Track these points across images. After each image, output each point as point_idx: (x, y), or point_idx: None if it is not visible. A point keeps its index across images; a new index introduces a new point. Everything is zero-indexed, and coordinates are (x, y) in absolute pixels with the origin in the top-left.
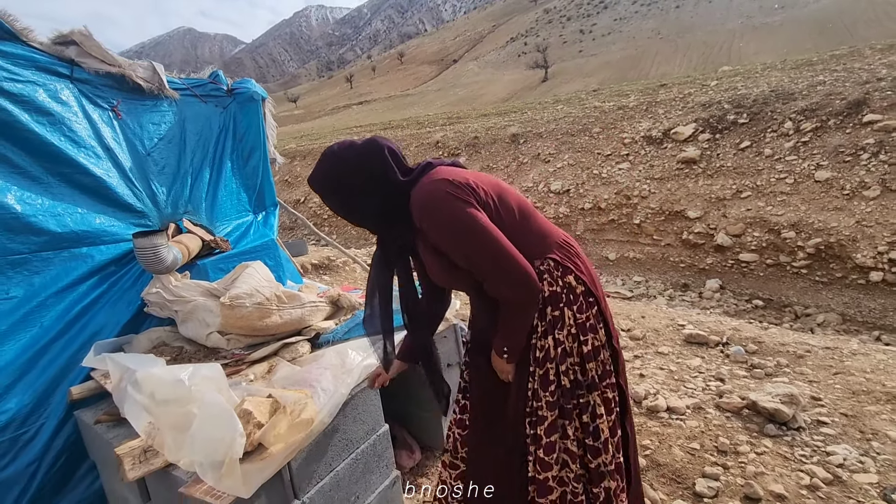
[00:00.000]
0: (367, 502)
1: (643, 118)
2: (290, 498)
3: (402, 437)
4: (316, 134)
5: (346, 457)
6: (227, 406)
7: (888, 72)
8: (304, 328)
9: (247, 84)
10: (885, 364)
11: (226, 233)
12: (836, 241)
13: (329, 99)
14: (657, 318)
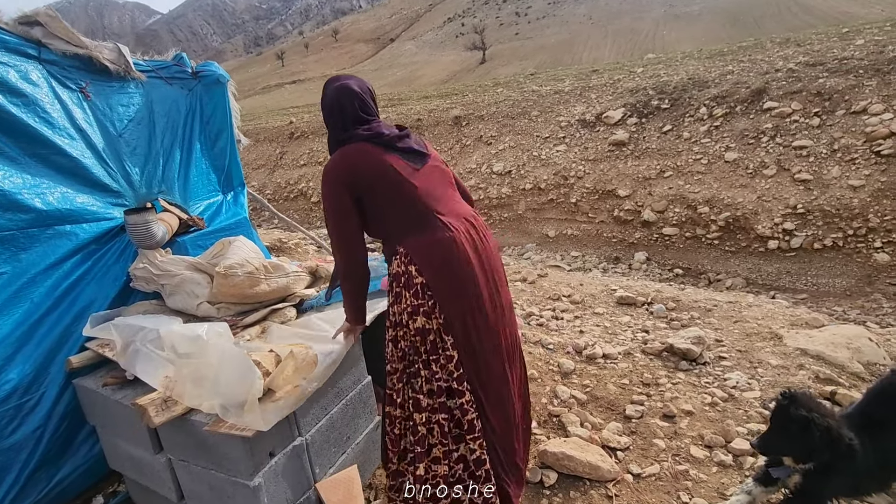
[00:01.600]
0: (356, 442)
1: (577, 102)
2: (295, 435)
3: (377, 391)
4: (249, 114)
5: (338, 403)
6: (244, 355)
7: (783, 63)
8: (290, 295)
9: (211, 67)
10: (772, 313)
11: (199, 212)
12: (741, 214)
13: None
14: (593, 284)
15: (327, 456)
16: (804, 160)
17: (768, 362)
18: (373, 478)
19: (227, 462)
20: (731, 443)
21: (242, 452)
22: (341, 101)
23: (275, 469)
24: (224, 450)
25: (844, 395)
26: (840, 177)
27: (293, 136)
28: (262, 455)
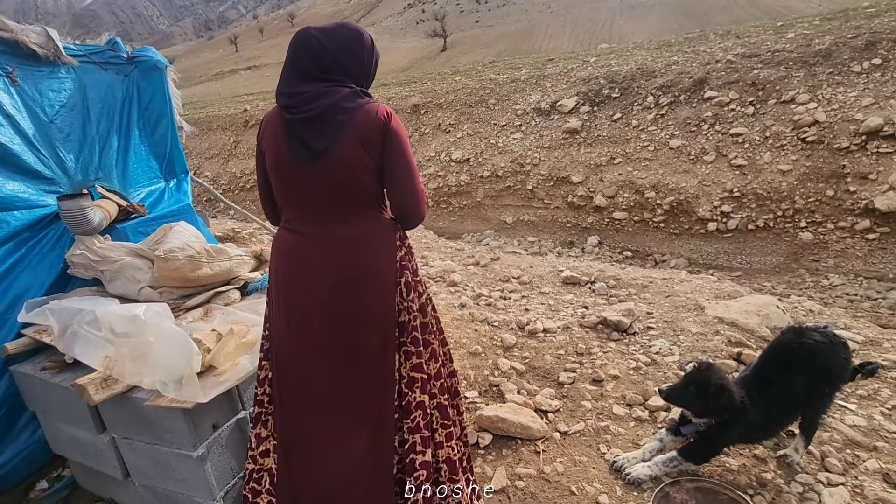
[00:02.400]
0: None
1: (533, 91)
2: (238, 409)
3: None
4: (201, 101)
5: None
6: (183, 332)
7: (723, 55)
8: (233, 278)
9: (148, 52)
10: (700, 287)
11: (139, 199)
12: (684, 198)
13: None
14: (542, 267)
15: None
16: (740, 147)
17: (689, 330)
18: None
19: (170, 435)
20: (648, 401)
21: (184, 425)
22: (292, 48)
23: (219, 441)
24: (166, 423)
25: (749, 356)
26: (771, 162)
27: (248, 124)
28: (205, 427)
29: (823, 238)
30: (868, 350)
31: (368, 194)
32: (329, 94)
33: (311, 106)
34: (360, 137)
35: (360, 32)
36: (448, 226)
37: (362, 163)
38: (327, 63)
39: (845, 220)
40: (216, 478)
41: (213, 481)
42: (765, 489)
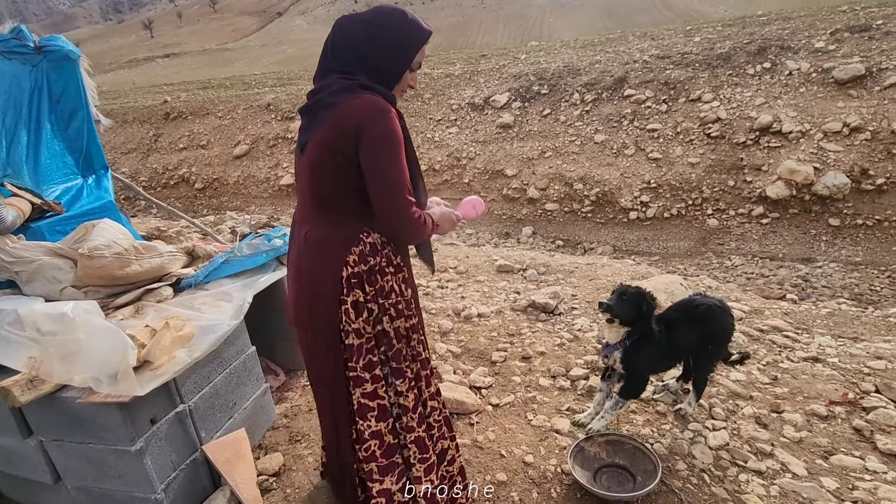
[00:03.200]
0: (244, 406)
1: (467, 86)
2: (177, 402)
3: (266, 365)
4: (113, 91)
5: (221, 372)
6: (115, 327)
7: (640, 55)
8: (165, 275)
9: (58, 42)
10: (619, 270)
11: (55, 196)
12: (608, 189)
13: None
14: (478, 256)
15: (213, 421)
16: (655, 141)
17: None
18: (263, 439)
19: (105, 432)
20: (570, 371)
21: (120, 420)
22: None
23: (157, 434)
24: (101, 420)
25: None
26: (682, 155)
27: (169, 116)
28: (143, 422)
29: (726, 224)
30: (752, 318)
31: (330, 198)
32: (328, 87)
33: (310, 100)
34: (326, 138)
35: (389, 12)
36: None
37: (323, 164)
38: (343, 53)
39: (744, 207)
40: (156, 471)
41: (154, 475)
42: (663, 437)
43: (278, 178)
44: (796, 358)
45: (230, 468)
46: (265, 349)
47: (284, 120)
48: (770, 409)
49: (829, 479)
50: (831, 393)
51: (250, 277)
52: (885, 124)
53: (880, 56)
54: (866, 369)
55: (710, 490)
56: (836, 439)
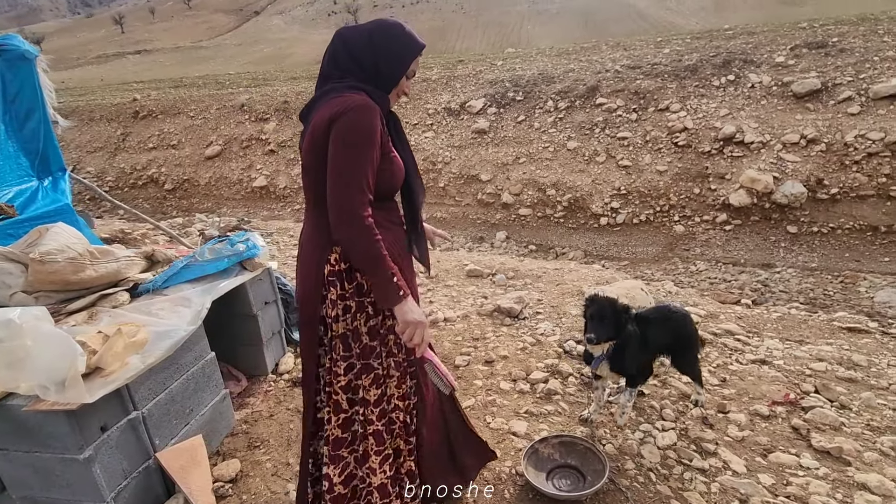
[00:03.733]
0: (201, 413)
1: (444, 91)
2: (130, 409)
3: (228, 371)
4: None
5: (178, 378)
6: (65, 334)
7: (612, 65)
8: (122, 280)
9: (13, 41)
10: (586, 275)
11: (8, 199)
12: (580, 195)
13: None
14: (449, 261)
15: (168, 427)
16: (626, 149)
17: (570, 312)
18: (221, 445)
19: (53, 440)
20: (531, 375)
21: (68, 428)
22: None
23: (108, 442)
24: (49, 429)
25: None
26: (651, 163)
27: (138, 115)
28: (92, 429)
29: (692, 230)
30: (707, 322)
31: (320, 196)
32: (324, 92)
33: (316, 102)
34: (310, 137)
35: (388, 23)
36: None
37: (309, 163)
38: (343, 60)
39: (708, 214)
40: (106, 480)
41: (103, 483)
42: (615, 438)
43: (251, 179)
44: (745, 360)
45: (185, 475)
46: (227, 355)
47: (258, 121)
48: (717, 409)
49: (766, 475)
50: (774, 394)
51: (212, 282)
52: (838, 137)
53: (835, 72)
54: (808, 371)
55: (655, 488)
56: (776, 438)
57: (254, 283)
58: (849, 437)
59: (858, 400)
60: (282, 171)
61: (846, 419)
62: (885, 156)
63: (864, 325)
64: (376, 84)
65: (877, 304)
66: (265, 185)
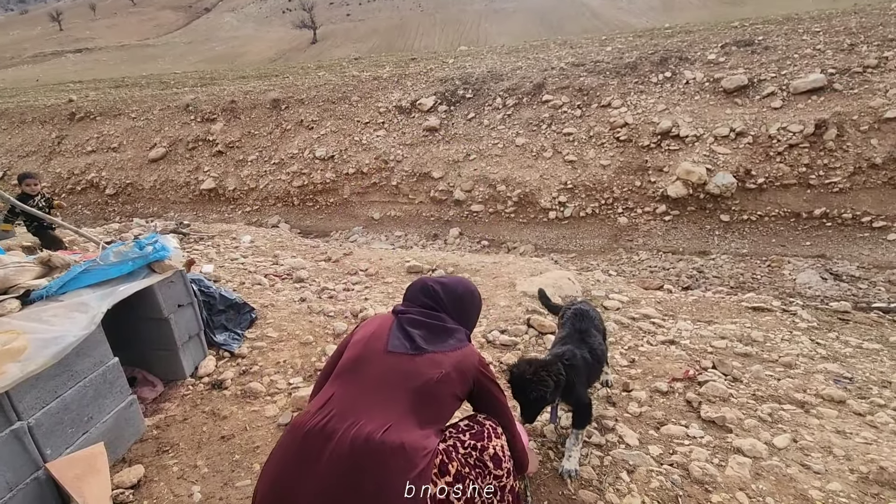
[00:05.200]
0: (103, 420)
1: (395, 89)
2: (13, 420)
3: (143, 377)
4: (11, 88)
5: (73, 385)
6: None
7: (558, 62)
8: (11, 287)
9: None
10: (522, 268)
11: None
12: (529, 191)
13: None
14: (392, 259)
15: (62, 437)
16: (571, 144)
17: (499, 304)
18: (128, 452)
19: None
20: None
21: None
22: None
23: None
24: None
25: (535, 320)
26: (595, 157)
27: (75, 116)
28: None
29: (635, 221)
30: (628, 307)
31: (427, 415)
32: (440, 319)
33: (419, 313)
34: (452, 372)
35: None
36: (315, 224)
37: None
38: (452, 305)
39: (649, 205)
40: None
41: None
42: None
43: (199, 182)
44: (655, 342)
45: (80, 484)
46: (141, 360)
47: (205, 122)
48: (622, 388)
49: (655, 446)
50: (676, 371)
51: (114, 286)
52: (763, 129)
53: (760, 68)
54: (710, 349)
55: (551, 465)
56: (670, 411)
57: (164, 285)
58: (734, 407)
59: (749, 373)
60: (230, 173)
61: (735, 391)
62: (804, 147)
63: (768, 305)
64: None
65: (798, 286)
66: (213, 187)
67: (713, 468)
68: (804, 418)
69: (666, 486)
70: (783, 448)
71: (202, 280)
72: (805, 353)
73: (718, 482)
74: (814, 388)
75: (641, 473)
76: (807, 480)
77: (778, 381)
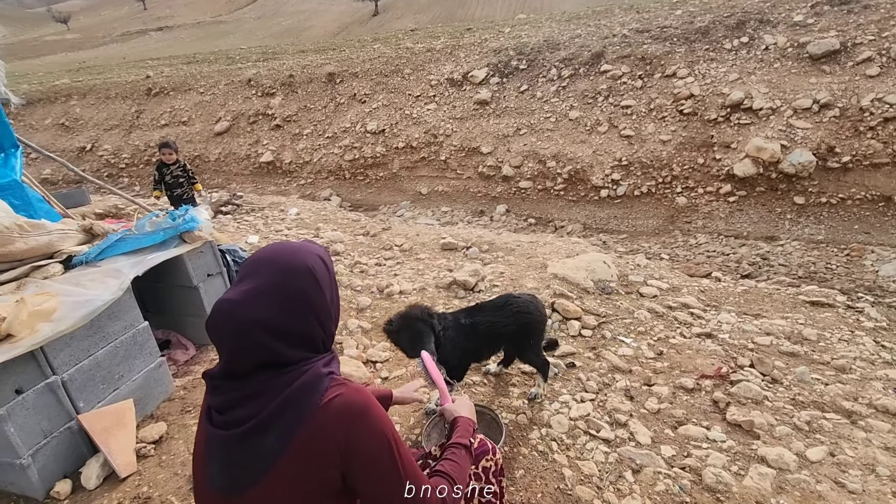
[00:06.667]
0: (132, 379)
1: (447, 61)
2: (48, 374)
3: (177, 340)
4: (100, 66)
5: (104, 346)
6: None
7: (620, 29)
8: (55, 252)
9: None
10: (558, 248)
11: None
12: (580, 167)
13: (116, 21)
14: (429, 235)
15: (94, 392)
16: (629, 118)
17: (526, 285)
18: (156, 409)
19: None
20: None
21: None
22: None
23: (23, 404)
24: None
25: (560, 303)
26: (654, 132)
27: (151, 92)
28: (6, 391)
29: (695, 202)
30: (666, 295)
31: None
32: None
33: None
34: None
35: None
36: (365, 198)
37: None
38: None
39: (712, 185)
40: (22, 438)
41: (18, 441)
42: (531, 409)
43: (258, 155)
44: (689, 334)
45: (107, 436)
46: (176, 324)
47: (265, 96)
48: (643, 382)
49: (668, 447)
50: (707, 367)
51: (146, 255)
52: (854, 101)
53: (856, 31)
54: (751, 345)
55: (552, 457)
56: (692, 411)
57: (193, 255)
58: (766, 412)
59: (792, 374)
60: (287, 147)
61: (772, 393)
62: None
63: (829, 299)
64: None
65: (880, 278)
66: (271, 160)
67: (729, 476)
68: (848, 430)
69: (672, 491)
70: (816, 461)
71: (237, 251)
72: (864, 357)
73: (733, 492)
74: (867, 396)
75: (647, 474)
76: (838, 500)
77: (825, 387)
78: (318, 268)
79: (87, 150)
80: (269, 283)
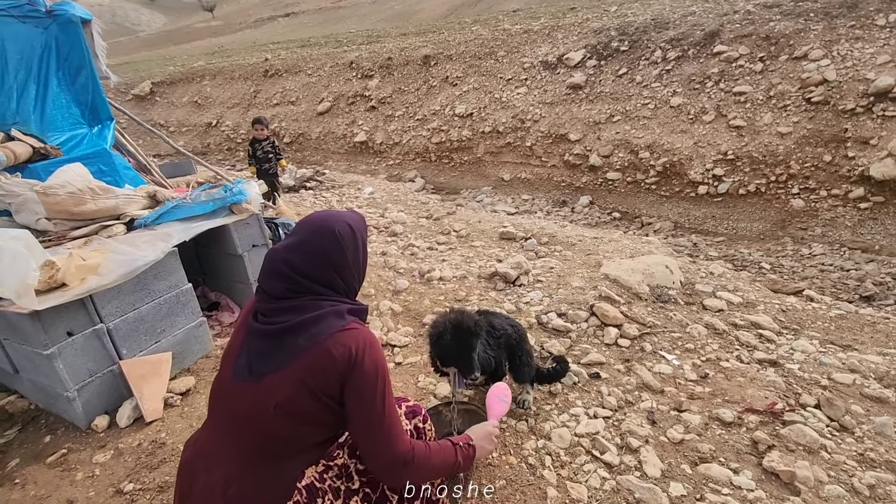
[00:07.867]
0: (173, 334)
1: (544, 42)
2: (96, 321)
3: (226, 303)
4: (231, 50)
5: (149, 301)
6: (24, 253)
7: (743, 4)
8: (121, 214)
9: (65, 6)
10: (622, 246)
11: (59, 142)
12: (677, 160)
13: (252, 9)
14: (490, 222)
15: (137, 342)
16: (741, 106)
17: (571, 284)
18: (194, 364)
19: (28, 337)
20: None
21: (33, 328)
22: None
23: (73, 345)
24: (23, 327)
25: (600, 307)
26: (771, 123)
27: (267, 73)
28: (58, 332)
29: (814, 206)
30: (735, 311)
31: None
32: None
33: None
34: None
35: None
36: (448, 181)
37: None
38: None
39: (839, 187)
40: (70, 374)
41: (66, 377)
42: (537, 416)
43: (353, 135)
44: (749, 359)
45: (141, 383)
46: (227, 289)
47: (364, 78)
48: (674, 406)
49: (680, 485)
50: (758, 400)
51: (197, 223)
52: None
53: None
54: (825, 381)
55: (541, 472)
56: (723, 448)
57: (239, 226)
58: (819, 464)
59: (869, 425)
60: (379, 128)
61: (834, 443)
62: None
63: None
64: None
65: None
66: (364, 140)
67: None
68: None
69: None
70: None
71: (290, 224)
72: None
73: None
74: None
75: None
76: None
77: None
78: (343, 232)
79: (213, 125)
80: (299, 240)
